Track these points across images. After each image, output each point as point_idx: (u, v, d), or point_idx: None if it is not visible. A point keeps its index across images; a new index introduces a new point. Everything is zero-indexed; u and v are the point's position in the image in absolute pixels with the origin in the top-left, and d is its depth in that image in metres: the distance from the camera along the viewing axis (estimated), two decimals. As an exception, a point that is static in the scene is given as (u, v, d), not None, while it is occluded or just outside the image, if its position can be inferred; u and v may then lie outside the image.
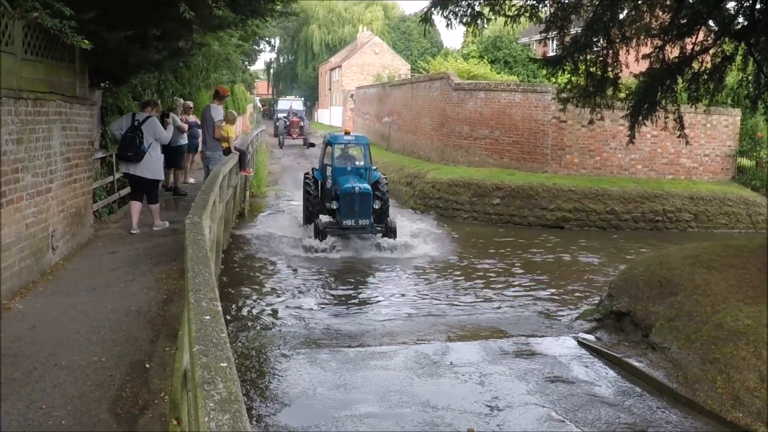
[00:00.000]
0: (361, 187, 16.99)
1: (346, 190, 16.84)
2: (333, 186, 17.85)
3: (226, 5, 9.80)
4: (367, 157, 18.80)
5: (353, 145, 19.15)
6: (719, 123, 25.65)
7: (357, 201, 16.83)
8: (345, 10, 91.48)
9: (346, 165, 18.49)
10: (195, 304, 4.01)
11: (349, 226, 16.99)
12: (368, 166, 18.64)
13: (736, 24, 13.66)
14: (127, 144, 12.75)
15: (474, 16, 14.41)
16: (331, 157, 18.44)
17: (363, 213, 16.97)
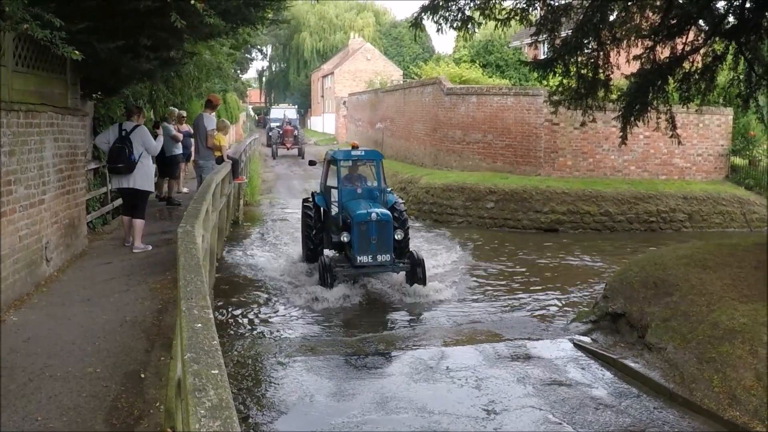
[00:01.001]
0: (378, 213, 13.71)
1: (359, 217, 13.56)
2: (341, 213, 14.62)
3: (216, 14, 9.76)
4: (380, 175, 15.48)
5: (363, 161, 15.87)
6: (711, 122, 25.72)
7: (374, 231, 13.60)
8: (336, 16, 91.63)
9: (356, 186, 15.22)
10: (187, 312, 4.00)
11: (365, 264, 13.68)
12: (382, 187, 15.44)
13: (726, 23, 13.70)
14: (116, 155, 12.03)
15: (464, 20, 14.44)
16: (337, 178, 15.02)
17: (382, 246, 13.66)
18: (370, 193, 15.14)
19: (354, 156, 15.50)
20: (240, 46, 25.47)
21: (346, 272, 14.01)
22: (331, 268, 13.76)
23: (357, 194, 14.92)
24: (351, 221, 13.75)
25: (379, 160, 15.74)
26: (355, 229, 13.62)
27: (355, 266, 13.74)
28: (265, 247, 18.52)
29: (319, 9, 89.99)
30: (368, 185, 15.42)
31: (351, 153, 15.55)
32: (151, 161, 12.96)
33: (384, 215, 13.79)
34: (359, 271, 14.04)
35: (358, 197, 14.82)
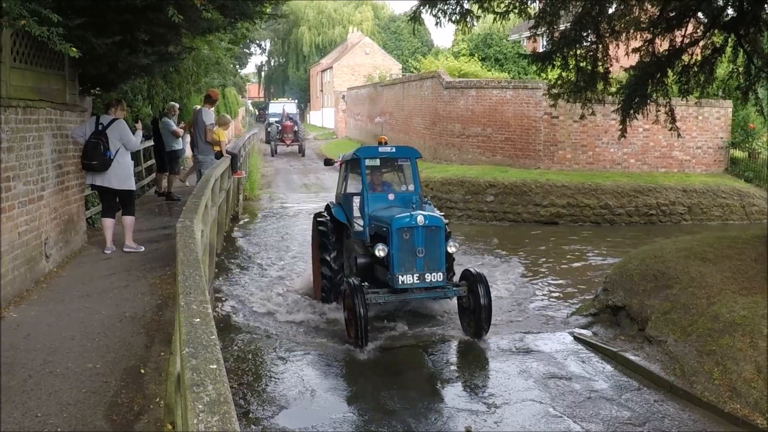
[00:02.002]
0: (426, 216, 10.85)
1: (400, 222, 10.70)
2: (368, 227, 11.66)
3: (214, 8, 9.75)
4: (417, 178, 12.53)
5: (394, 160, 12.75)
6: (711, 115, 25.68)
7: (420, 241, 10.65)
8: (335, 11, 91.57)
9: (387, 192, 12.33)
10: (185, 307, 4.00)
11: (410, 285, 10.61)
12: (420, 192, 12.47)
13: (725, 16, 13.67)
14: (90, 151, 11.16)
15: (463, 13, 14.45)
16: (362, 182, 11.99)
17: (432, 262, 10.71)
18: (404, 201, 12.03)
19: (383, 153, 12.38)
20: (238, 41, 25.44)
21: (382, 299, 10.93)
22: (366, 320, 10.30)
23: (388, 202, 11.96)
24: (388, 229, 10.76)
25: (415, 159, 12.60)
26: (394, 239, 10.56)
27: (395, 290, 10.67)
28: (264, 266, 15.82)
29: (318, 3, 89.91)
30: (402, 190, 12.41)
31: (379, 150, 12.44)
32: (129, 158, 11.95)
33: (433, 220, 10.88)
34: (400, 297, 11.04)
35: (389, 206, 11.85)
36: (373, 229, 11.52)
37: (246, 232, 19.53)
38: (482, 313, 10.81)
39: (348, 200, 12.43)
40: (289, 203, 24.53)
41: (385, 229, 10.90)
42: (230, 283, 14.03)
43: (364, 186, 11.91)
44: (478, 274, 11.15)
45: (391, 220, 10.82)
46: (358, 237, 12.00)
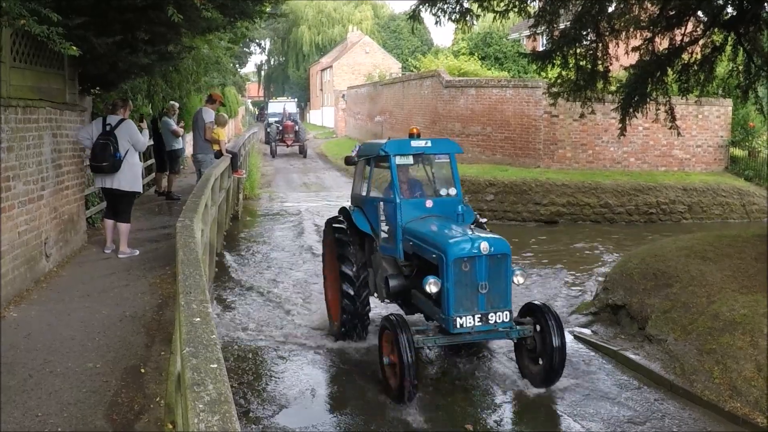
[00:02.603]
0: (490, 242, 8.57)
1: (459, 250, 8.43)
2: (401, 241, 9.62)
3: (214, 8, 9.74)
4: (457, 179, 10.32)
5: (433, 156, 10.45)
6: (711, 113, 25.69)
7: (484, 274, 8.48)
8: (334, 10, 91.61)
9: (422, 197, 10.22)
10: (185, 306, 4.00)
11: (470, 329, 8.48)
12: (461, 195, 10.25)
13: (725, 14, 13.68)
14: (100, 152, 10.91)
15: (463, 12, 14.46)
16: (393, 185, 9.81)
17: (497, 298, 8.59)
18: (445, 209, 9.78)
19: (417, 149, 10.05)
20: (238, 40, 25.46)
21: (432, 342, 8.81)
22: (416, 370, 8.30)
23: (426, 210, 9.85)
24: (440, 258, 8.51)
25: (454, 154, 10.41)
26: (451, 272, 8.37)
27: (450, 333, 8.53)
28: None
29: (317, 2, 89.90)
30: (441, 194, 10.12)
31: (411, 144, 10.08)
32: (138, 159, 11.81)
33: (500, 245, 8.61)
34: (455, 341, 8.96)
35: (427, 216, 9.76)
36: (409, 246, 9.41)
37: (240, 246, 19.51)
38: (555, 358, 8.72)
39: (372, 206, 10.33)
40: (289, 202, 24.50)
41: (436, 255, 8.58)
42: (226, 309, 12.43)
43: (396, 191, 9.68)
44: (545, 307, 9.10)
45: (446, 248, 8.43)
46: (387, 253, 9.98)
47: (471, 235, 8.66)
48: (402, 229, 9.59)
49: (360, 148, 11.42)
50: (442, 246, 8.57)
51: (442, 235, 8.95)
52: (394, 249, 9.79)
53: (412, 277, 9.64)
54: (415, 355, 8.28)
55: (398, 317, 8.68)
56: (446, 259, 8.42)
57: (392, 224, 9.80)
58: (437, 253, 8.61)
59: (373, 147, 10.60)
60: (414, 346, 8.28)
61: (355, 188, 11.34)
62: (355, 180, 11.37)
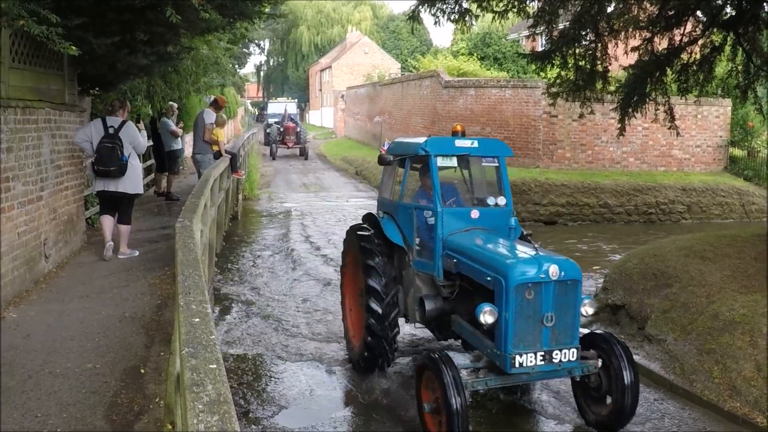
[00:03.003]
0: (560, 265, 7.18)
1: (523, 276, 7.06)
2: (444, 255, 8.32)
3: (213, 8, 9.73)
4: (507, 186, 8.92)
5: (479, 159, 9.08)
6: (710, 114, 25.72)
7: (551, 303, 7.15)
8: (333, 10, 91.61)
9: (468, 205, 8.97)
10: (185, 306, 4.00)
11: (531, 369, 7.17)
12: (511, 206, 8.87)
13: (724, 14, 13.69)
14: (107, 156, 10.62)
15: (462, 12, 14.46)
16: (433, 191, 8.53)
17: (564, 332, 7.28)
18: (493, 221, 8.64)
19: (462, 149, 8.73)
20: (237, 41, 25.39)
21: (483, 384, 7.43)
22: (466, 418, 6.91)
23: (471, 222, 8.55)
24: (498, 282, 7.14)
25: (504, 157, 9.01)
26: (512, 300, 7.01)
27: (508, 373, 7.17)
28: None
29: (316, 3, 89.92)
30: (489, 204, 8.62)
31: (456, 143, 8.73)
32: (138, 161, 11.53)
33: (571, 269, 7.25)
34: (511, 382, 7.60)
35: (471, 228, 8.49)
36: (451, 263, 8.11)
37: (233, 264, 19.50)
38: (627, 397, 7.48)
39: (406, 214, 8.96)
40: (288, 203, 24.49)
41: (491, 278, 7.22)
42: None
43: (437, 197, 8.42)
44: (611, 337, 7.85)
45: (506, 270, 7.08)
46: (422, 269, 8.72)
47: (536, 256, 7.27)
48: (442, 243, 8.31)
49: (391, 145, 9.99)
50: (501, 267, 7.17)
51: (499, 253, 7.64)
52: (431, 266, 8.50)
53: (452, 300, 8.38)
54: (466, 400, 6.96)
55: (442, 354, 7.24)
56: (506, 283, 7.01)
57: (430, 236, 8.57)
58: (493, 276, 7.20)
59: (409, 145, 9.19)
60: (463, 390, 6.93)
61: (383, 192, 9.88)
62: (384, 182, 9.94)
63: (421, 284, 8.78)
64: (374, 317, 8.70)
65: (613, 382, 7.55)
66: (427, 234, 8.67)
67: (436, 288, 8.61)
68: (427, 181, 8.96)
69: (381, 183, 10.12)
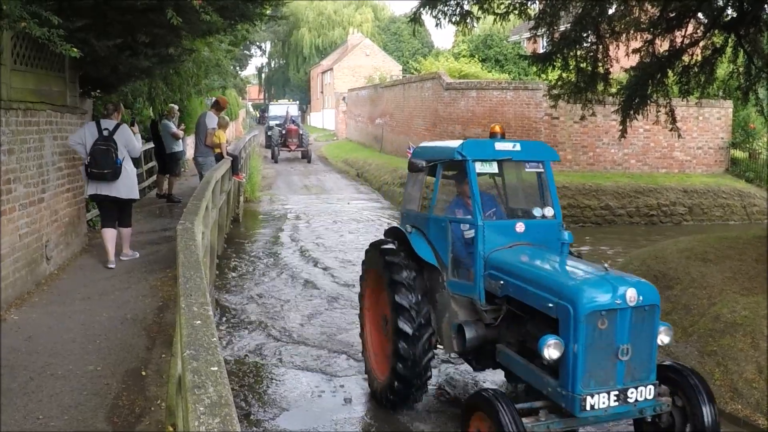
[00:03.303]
0: (638, 286, 6.12)
1: (595, 302, 5.95)
2: (487, 275, 7.26)
3: (214, 10, 9.73)
4: (554, 196, 7.92)
5: (522, 165, 8.05)
6: (711, 115, 25.73)
7: (626, 334, 6.06)
8: (335, 12, 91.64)
9: (511, 217, 8.07)
10: (186, 309, 4.00)
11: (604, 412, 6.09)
12: (560, 217, 7.90)
13: (726, 16, 13.68)
14: (101, 159, 10.35)
15: (463, 15, 14.47)
16: (473, 201, 7.45)
17: (640, 366, 6.19)
18: (541, 234, 7.65)
19: (503, 154, 7.70)
20: (239, 43, 25.42)
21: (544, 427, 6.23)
22: None
23: (516, 236, 7.50)
24: (566, 309, 6.02)
25: (549, 162, 8.01)
26: (581, 330, 5.94)
27: (576, 416, 6.08)
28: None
29: (318, 5, 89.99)
30: (535, 216, 7.67)
31: (495, 146, 7.71)
32: (132, 165, 11.32)
33: (649, 293, 6.15)
34: (578, 425, 6.48)
35: (516, 243, 7.45)
36: (497, 285, 7.03)
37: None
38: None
39: (439, 227, 7.89)
40: (290, 205, 24.49)
41: (554, 305, 6.15)
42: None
43: (477, 208, 7.33)
44: (687, 370, 6.63)
45: (575, 295, 6.00)
46: (459, 291, 7.64)
47: (607, 276, 6.20)
48: (484, 261, 7.26)
49: (416, 149, 8.96)
50: (568, 292, 6.09)
51: (561, 273, 6.65)
52: (470, 287, 7.43)
53: (495, 326, 7.29)
54: None
55: (497, 393, 6.27)
56: (575, 311, 5.93)
57: (469, 254, 7.59)
58: (557, 302, 6.12)
59: (442, 150, 8.19)
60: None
61: (409, 203, 8.87)
62: (409, 192, 8.96)
63: (458, 309, 7.61)
64: (405, 339, 7.57)
65: (689, 422, 6.35)
66: (464, 251, 7.70)
67: (476, 313, 7.49)
68: (464, 190, 8.00)
69: (405, 193, 9.16)
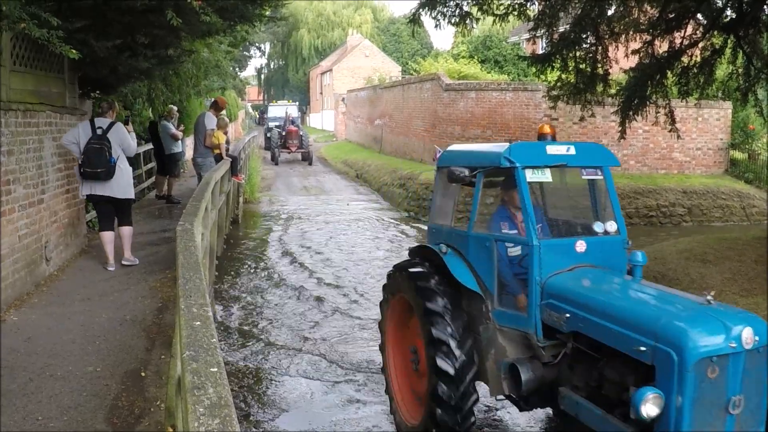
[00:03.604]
0: (754, 326, 4.97)
1: (705, 347, 4.82)
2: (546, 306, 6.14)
3: (213, 11, 9.73)
4: (616, 207, 6.78)
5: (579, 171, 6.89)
6: (710, 116, 25.74)
7: (740, 379, 4.94)
8: (334, 13, 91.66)
9: (571, 234, 7.02)
10: (186, 310, 4.00)
11: None
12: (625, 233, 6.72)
13: (725, 17, 13.69)
14: (95, 158, 10.18)
15: (462, 16, 14.48)
16: (526, 217, 6.32)
17: (751, 418, 5.07)
18: (603, 251, 6.55)
19: (557, 159, 6.56)
20: (238, 44, 25.43)
21: None
22: None
23: (576, 257, 6.40)
24: (668, 354, 4.93)
25: (609, 167, 6.87)
26: (687, 381, 4.85)
27: None
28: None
29: (317, 6, 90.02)
30: (596, 231, 6.53)
31: (547, 150, 6.59)
32: (128, 164, 11.05)
33: (764, 331, 5.08)
34: None
35: (578, 265, 6.37)
36: (561, 319, 5.91)
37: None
38: None
39: (480, 247, 6.73)
40: (289, 206, 24.50)
41: (647, 348, 5.06)
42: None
43: (531, 225, 6.24)
44: None
45: (680, 337, 4.91)
46: (509, 324, 6.53)
47: (714, 311, 5.14)
48: (541, 288, 6.17)
49: (445, 154, 8.07)
50: (670, 333, 4.97)
51: (653, 308, 5.49)
52: (523, 319, 6.33)
53: (554, 365, 6.20)
54: None
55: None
56: (681, 358, 4.84)
57: (520, 279, 6.54)
58: (653, 345, 5.02)
59: (484, 155, 7.10)
60: None
61: (438, 217, 7.87)
62: (438, 204, 8.00)
63: (507, 344, 6.54)
64: (445, 380, 6.37)
65: None
66: (509, 273, 6.65)
67: (529, 349, 6.41)
68: (511, 198, 7.12)
69: (434, 205, 8.11)
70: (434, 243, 7.40)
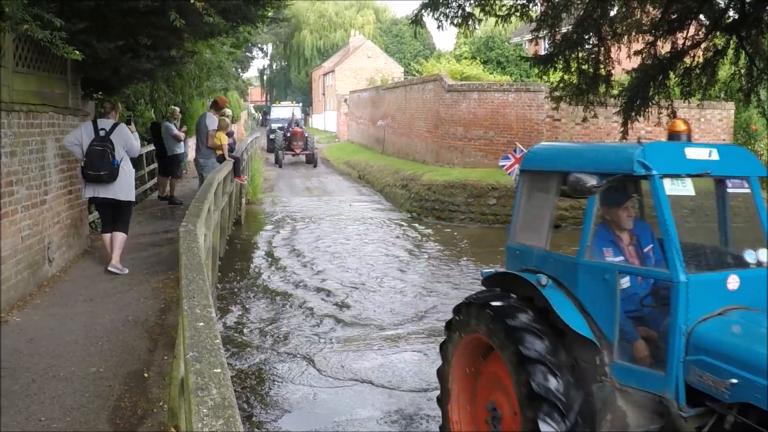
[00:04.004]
0: None
1: None
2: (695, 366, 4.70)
3: (216, 12, 9.73)
4: (764, 222, 5.74)
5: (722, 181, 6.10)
6: (713, 117, 25.69)
7: None
8: (336, 14, 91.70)
9: (721, 267, 5.56)
10: (189, 311, 4.00)
11: None
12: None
13: (727, 18, 13.69)
14: (98, 160, 9.97)
15: (464, 17, 14.50)
16: (669, 243, 4.92)
17: None
18: (755, 287, 5.14)
19: (701, 165, 5.41)
20: (240, 45, 25.47)
21: None
22: None
23: (728, 297, 5.04)
24: None
25: (756, 177, 5.82)
26: None
27: None
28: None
29: (319, 7, 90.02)
30: (749, 262, 5.48)
31: (686, 154, 5.35)
32: (131, 166, 10.84)
33: None
34: None
35: (730, 307, 5.02)
36: (706, 379, 4.66)
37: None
38: None
39: (595, 279, 5.33)
40: (292, 207, 24.51)
41: None
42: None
43: (677, 257, 4.89)
44: None
45: None
46: (635, 383, 5.12)
47: None
48: (687, 339, 4.84)
49: (532, 153, 6.48)
50: None
51: None
52: (659, 379, 4.94)
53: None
54: None
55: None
56: None
57: (661, 327, 5.17)
58: None
59: (604, 157, 5.71)
60: None
61: (524, 233, 6.32)
62: (524, 218, 6.41)
63: (630, 409, 5.15)
64: None
65: None
66: (643, 319, 5.42)
67: (659, 416, 5.04)
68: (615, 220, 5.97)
69: (514, 219, 6.42)
70: (519, 269, 6.01)
